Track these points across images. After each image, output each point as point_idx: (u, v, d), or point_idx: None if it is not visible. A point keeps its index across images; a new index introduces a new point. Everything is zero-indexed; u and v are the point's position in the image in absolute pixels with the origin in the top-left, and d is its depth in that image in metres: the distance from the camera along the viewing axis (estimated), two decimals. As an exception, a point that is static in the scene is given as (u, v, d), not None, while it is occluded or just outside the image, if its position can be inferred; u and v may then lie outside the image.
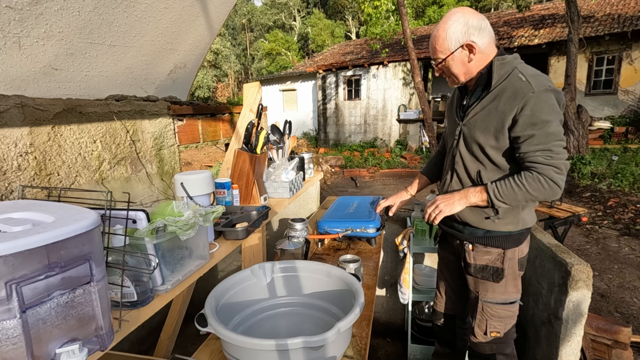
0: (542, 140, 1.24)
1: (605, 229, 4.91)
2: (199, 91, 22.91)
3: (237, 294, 1.26)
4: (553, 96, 1.25)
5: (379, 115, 13.06)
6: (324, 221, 2.11)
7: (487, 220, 1.42)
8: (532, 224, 1.48)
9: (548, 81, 1.28)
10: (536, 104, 1.23)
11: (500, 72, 1.32)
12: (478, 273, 1.50)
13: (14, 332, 0.59)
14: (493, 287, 1.49)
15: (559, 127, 1.25)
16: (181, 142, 2.62)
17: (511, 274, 1.47)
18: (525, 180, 1.27)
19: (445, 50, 1.33)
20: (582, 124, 7.41)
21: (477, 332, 1.56)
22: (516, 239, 1.45)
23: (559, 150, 1.26)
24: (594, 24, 10.78)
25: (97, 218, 0.73)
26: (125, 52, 2.19)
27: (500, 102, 1.30)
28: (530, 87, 1.24)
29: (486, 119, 1.34)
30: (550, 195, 1.29)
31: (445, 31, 1.32)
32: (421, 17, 25.31)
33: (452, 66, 1.36)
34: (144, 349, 2.56)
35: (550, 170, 1.25)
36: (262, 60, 29.61)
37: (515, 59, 1.34)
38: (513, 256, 1.46)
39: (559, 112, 1.26)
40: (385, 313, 2.85)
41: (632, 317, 2.96)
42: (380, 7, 9.86)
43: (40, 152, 1.69)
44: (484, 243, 1.47)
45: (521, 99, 1.25)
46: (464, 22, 1.30)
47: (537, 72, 1.31)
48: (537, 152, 1.26)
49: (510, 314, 1.53)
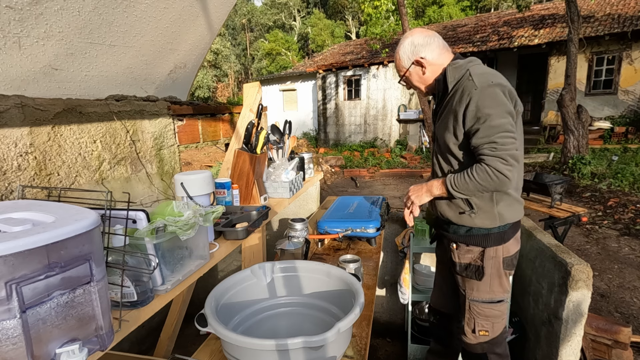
0: (486, 133, 1.31)
1: (605, 229, 4.91)
2: (199, 91, 22.91)
3: (237, 294, 1.26)
4: (497, 90, 1.32)
5: (379, 115, 13.06)
6: (324, 221, 2.11)
7: (463, 215, 1.48)
8: (512, 220, 1.49)
9: (494, 77, 1.35)
10: (479, 99, 1.31)
11: (455, 76, 1.43)
12: (463, 271, 1.55)
13: (14, 332, 0.59)
14: (478, 286, 1.52)
15: (503, 120, 1.30)
16: (181, 142, 2.62)
17: (494, 272, 1.49)
18: (475, 172, 1.34)
19: (402, 68, 1.54)
20: (582, 124, 7.40)
21: (467, 330, 1.60)
22: (498, 237, 1.47)
23: (504, 141, 1.30)
24: (594, 24, 10.78)
25: (97, 218, 0.73)
26: (125, 52, 2.19)
27: (454, 102, 1.40)
28: (474, 85, 1.33)
29: (446, 119, 1.45)
30: (499, 185, 1.34)
31: (398, 53, 1.54)
32: (421, 17, 25.30)
33: (412, 80, 1.56)
34: (144, 349, 2.56)
35: (496, 161, 1.30)
36: (262, 60, 29.60)
37: (470, 62, 1.44)
38: (495, 255, 1.48)
39: (503, 104, 1.31)
40: (385, 313, 2.84)
41: (632, 317, 2.96)
42: (380, 7, 9.86)
43: (40, 152, 1.69)
44: (466, 242, 1.52)
45: (467, 96, 1.34)
46: (410, 42, 1.50)
47: (486, 71, 1.39)
48: (484, 145, 1.32)
49: (498, 313, 1.55)
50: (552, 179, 3.98)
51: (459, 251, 1.55)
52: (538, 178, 4.17)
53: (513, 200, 1.47)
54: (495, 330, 1.56)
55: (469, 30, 14.16)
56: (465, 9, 25.31)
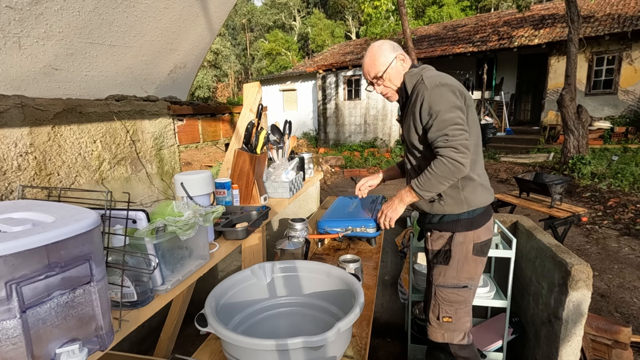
0: (438, 127, 1.42)
1: (605, 229, 4.91)
2: (199, 91, 22.92)
3: (237, 294, 1.26)
4: (444, 89, 1.43)
5: (379, 115, 13.06)
6: (324, 221, 2.11)
7: (434, 203, 1.57)
8: (479, 205, 1.55)
9: (441, 79, 1.47)
10: (429, 97, 1.43)
11: (412, 82, 1.55)
12: (434, 258, 1.62)
13: (14, 332, 0.59)
14: (445, 271, 1.58)
15: (452, 114, 1.41)
16: (181, 142, 2.62)
17: (462, 257, 1.55)
18: (434, 165, 1.44)
19: (385, 63, 1.57)
20: (582, 124, 7.41)
21: (432, 318, 1.65)
22: (467, 223, 1.54)
23: (454, 133, 1.40)
24: (594, 24, 10.78)
25: (97, 218, 0.73)
26: (125, 52, 2.19)
27: (411, 104, 1.53)
28: (425, 87, 1.46)
29: (408, 120, 1.56)
30: (457, 173, 1.42)
31: (379, 51, 1.58)
32: (421, 17, 25.32)
33: (392, 77, 1.59)
34: (144, 349, 2.56)
35: (449, 150, 1.39)
36: (262, 60, 29.60)
37: (423, 69, 1.55)
38: (464, 240, 1.54)
39: (450, 101, 1.42)
40: (385, 313, 2.84)
41: (632, 317, 2.96)
42: (380, 7, 9.86)
43: (40, 152, 1.69)
44: (439, 229, 1.60)
45: (421, 97, 1.46)
46: (389, 43, 1.60)
47: (436, 74, 1.52)
48: (438, 139, 1.42)
49: (462, 299, 1.59)
50: (552, 179, 3.98)
51: (432, 238, 1.63)
52: (538, 178, 4.18)
53: (477, 185, 1.55)
54: (459, 317, 1.59)
55: (469, 30, 14.16)
56: (465, 9, 25.32)
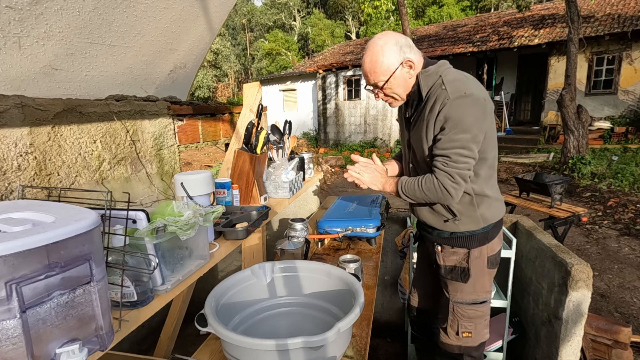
0: (444, 145, 1.28)
1: (605, 229, 4.91)
2: (199, 91, 22.92)
3: (237, 294, 1.26)
4: (469, 102, 1.25)
5: (379, 115, 13.06)
6: (324, 221, 2.11)
7: (448, 222, 1.46)
8: (495, 220, 1.48)
9: (466, 87, 1.27)
10: (449, 109, 1.26)
11: (427, 83, 1.35)
12: (448, 274, 1.53)
13: (14, 332, 0.59)
14: (462, 288, 1.52)
15: (465, 135, 1.25)
16: (181, 142, 2.62)
17: (478, 272, 1.49)
18: (425, 181, 1.35)
19: (386, 71, 1.35)
20: (582, 124, 7.41)
21: (450, 332, 1.59)
22: (482, 237, 1.47)
23: (457, 158, 1.27)
24: (594, 24, 10.77)
25: (97, 218, 0.73)
26: (125, 52, 2.19)
27: (427, 111, 1.34)
28: (446, 94, 1.27)
29: (422, 128, 1.37)
30: (442, 199, 1.34)
31: (381, 54, 1.34)
32: (421, 17, 25.32)
33: (395, 86, 1.38)
34: (144, 349, 2.56)
35: (444, 176, 1.29)
36: (262, 60, 29.61)
37: (440, 67, 1.36)
38: (480, 255, 1.48)
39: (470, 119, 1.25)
40: (385, 313, 2.84)
41: (632, 317, 2.96)
42: (380, 7, 9.86)
43: (40, 152, 1.69)
44: (450, 244, 1.50)
45: (439, 106, 1.28)
46: (395, 42, 1.34)
47: (458, 77, 1.32)
48: (439, 157, 1.31)
49: (480, 314, 1.54)
50: (552, 179, 3.98)
51: (443, 253, 1.53)
52: (538, 178, 4.17)
53: (493, 200, 1.46)
54: (478, 331, 1.56)
55: (469, 30, 14.16)
56: (465, 9, 25.32)
